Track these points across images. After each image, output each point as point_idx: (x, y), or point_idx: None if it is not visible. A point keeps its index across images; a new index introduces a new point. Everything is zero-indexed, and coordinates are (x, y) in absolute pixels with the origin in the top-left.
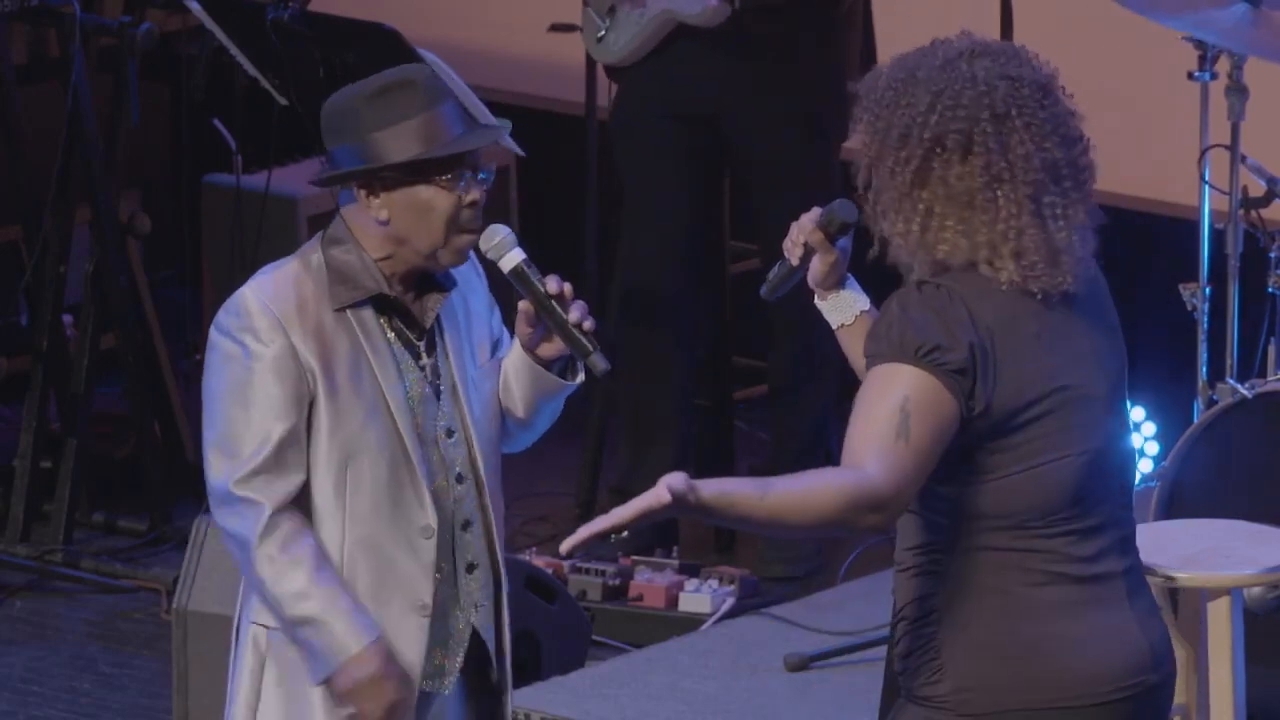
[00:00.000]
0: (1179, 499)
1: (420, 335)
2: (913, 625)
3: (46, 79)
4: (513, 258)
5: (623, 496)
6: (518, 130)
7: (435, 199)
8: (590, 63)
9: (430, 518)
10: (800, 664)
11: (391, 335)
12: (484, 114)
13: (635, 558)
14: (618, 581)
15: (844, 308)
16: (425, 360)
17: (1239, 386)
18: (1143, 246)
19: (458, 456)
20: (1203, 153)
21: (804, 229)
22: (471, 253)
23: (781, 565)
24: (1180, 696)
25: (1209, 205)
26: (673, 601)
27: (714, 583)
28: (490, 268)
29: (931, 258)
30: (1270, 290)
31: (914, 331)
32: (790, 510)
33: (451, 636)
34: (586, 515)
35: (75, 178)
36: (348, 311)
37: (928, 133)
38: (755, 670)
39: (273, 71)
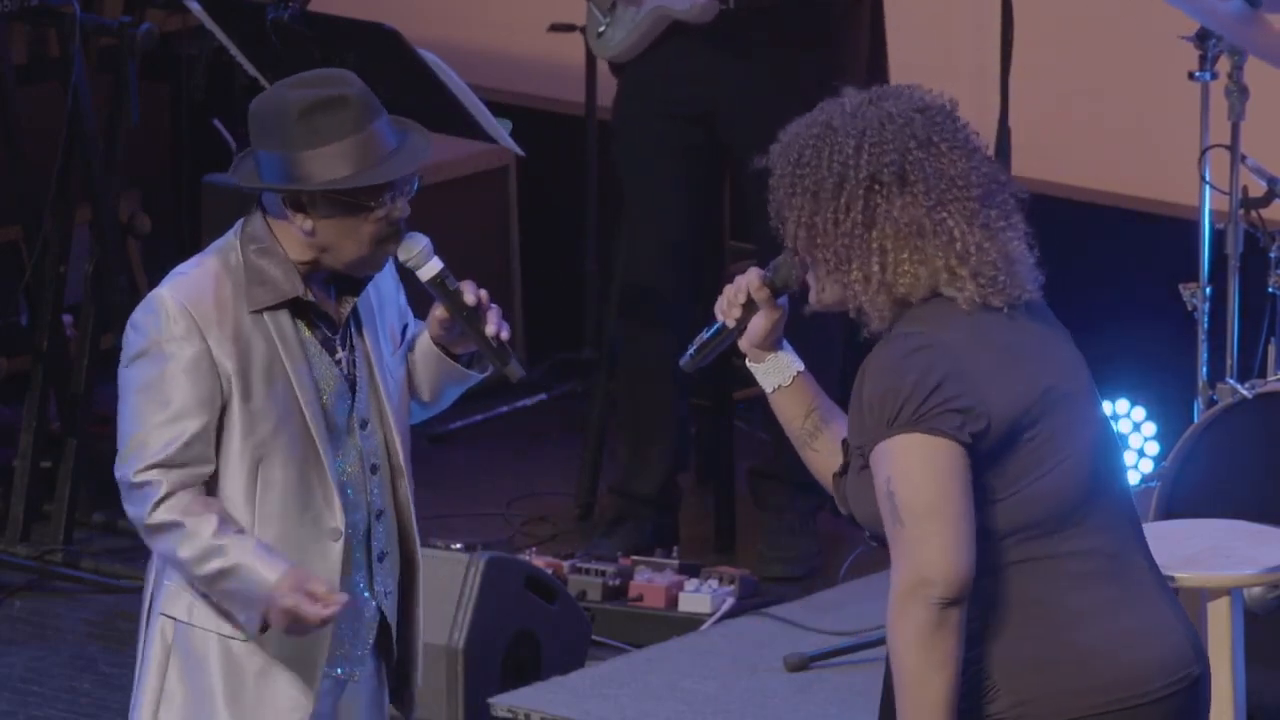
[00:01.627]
0: (1179, 499)
1: (335, 330)
2: None
3: (46, 79)
4: (431, 268)
5: (623, 496)
6: (518, 130)
7: (362, 220)
8: (590, 62)
9: (338, 520)
10: (800, 664)
11: (307, 335)
12: (485, 116)
13: (635, 558)
14: (618, 581)
15: (781, 369)
16: (341, 354)
17: (1239, 386)
18: (1143, 246)
19: (372, 446)
20: (1203, 153)
21: (744, 287)
22: None
23: (781, 565)
24: None
25: (1209, 205)
26: (673, 601)
27: (714, 583)
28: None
29: (893, 296)
30: (1270, 290)
31: (892, 399)
32: (908, 682)
33: (362, 623)
34: (586, 515)
35: (75, 178)
36: (264, 313)
37: (862, 172)
38: (755, 670)
39: (273, 71)
